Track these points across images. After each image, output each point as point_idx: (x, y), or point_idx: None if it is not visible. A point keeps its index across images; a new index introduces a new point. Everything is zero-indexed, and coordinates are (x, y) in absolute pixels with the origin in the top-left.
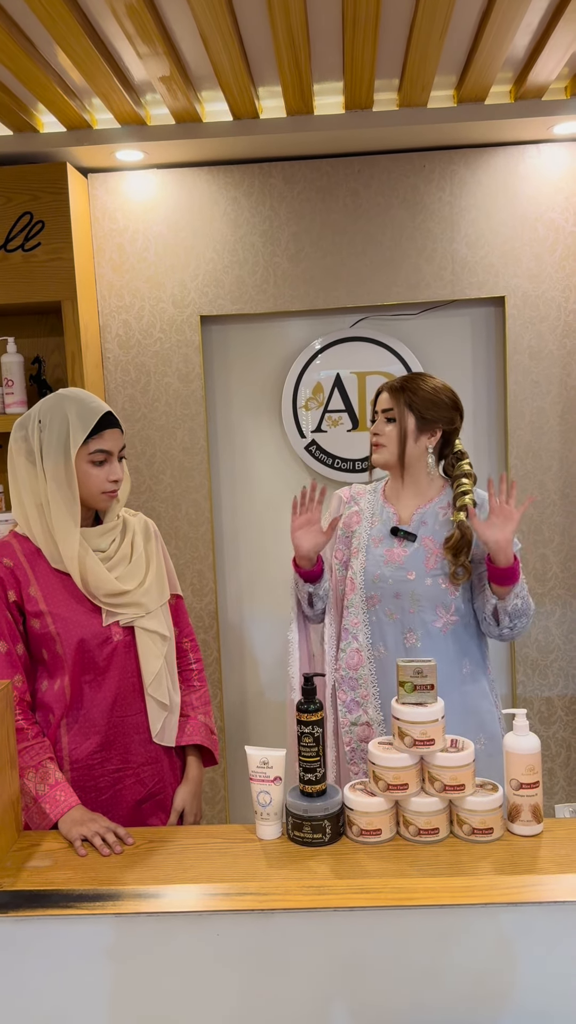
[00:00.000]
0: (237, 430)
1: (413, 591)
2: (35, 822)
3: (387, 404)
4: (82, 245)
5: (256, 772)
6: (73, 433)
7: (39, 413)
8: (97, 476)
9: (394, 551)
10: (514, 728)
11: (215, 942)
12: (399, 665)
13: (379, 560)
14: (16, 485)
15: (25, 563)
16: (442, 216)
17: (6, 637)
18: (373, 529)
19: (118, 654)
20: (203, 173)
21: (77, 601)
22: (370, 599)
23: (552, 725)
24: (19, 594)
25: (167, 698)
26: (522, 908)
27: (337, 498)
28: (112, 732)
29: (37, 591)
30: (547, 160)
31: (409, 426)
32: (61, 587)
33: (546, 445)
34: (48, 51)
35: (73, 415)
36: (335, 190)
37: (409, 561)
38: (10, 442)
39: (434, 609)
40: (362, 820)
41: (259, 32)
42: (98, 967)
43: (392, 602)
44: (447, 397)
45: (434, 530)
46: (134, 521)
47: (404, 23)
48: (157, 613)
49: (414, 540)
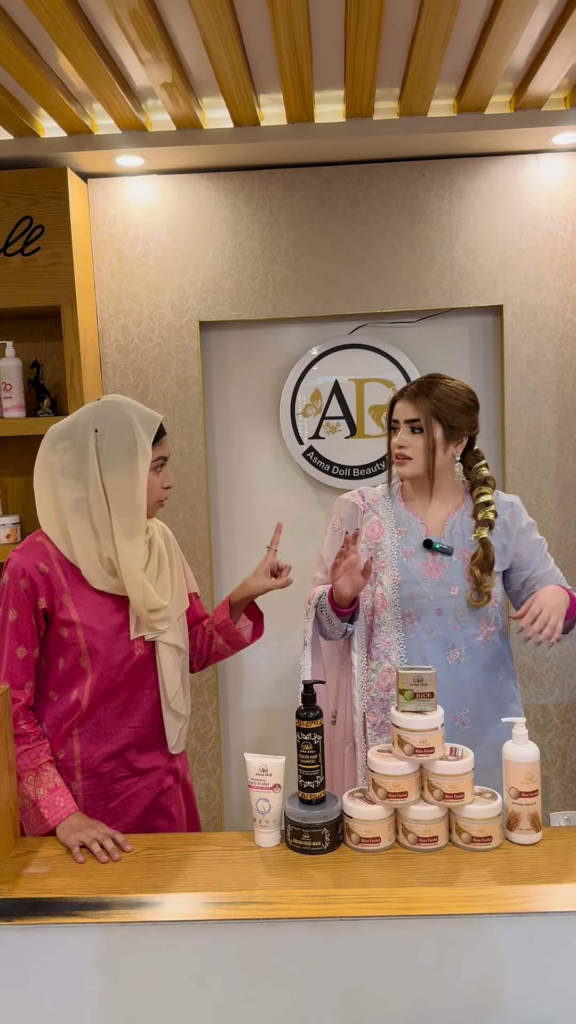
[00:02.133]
0: (235, 436)
1: (457, 607)
2: (32, 826)
3: (412, 414)
4: (81, 250)
5: (255, 779)
6: (140, 441)
7: (94, 422)
8: (156, 484)
9: (431, 565)
10: (513, 737)
11: (220, 951)
12: (399, 673)
13: (416, 575)
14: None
15: (59, 571)
16: (441, 224)
17: (28, 643)
18: (402, 541)
19: (138, 668)
20: (203, 179)
21: (107, 614)
22: (407, 616)
23: (548, 733)
24: (50, 601)
25: (184, 709)
26: (526, 918)
27: (351, 505)
28: (124, 741)
29: (70, 600)
30: (546, 170)
31: (437, 436)
32: (92, 598)
33: (543, 454)
34: (50, 56)
35: (137, 423)
36: (335, 198)
37: (450, 576)
38: (44, 454)
39: (477, 623)
40: (361, 828)
41: (261, 39)
42: (101, 976)
43: (433, 619)
44: (469, 399)
45: (469, 541)
46: (154, 528)
47: (406, 32)
48: (175, 625)
49: (451, 554)
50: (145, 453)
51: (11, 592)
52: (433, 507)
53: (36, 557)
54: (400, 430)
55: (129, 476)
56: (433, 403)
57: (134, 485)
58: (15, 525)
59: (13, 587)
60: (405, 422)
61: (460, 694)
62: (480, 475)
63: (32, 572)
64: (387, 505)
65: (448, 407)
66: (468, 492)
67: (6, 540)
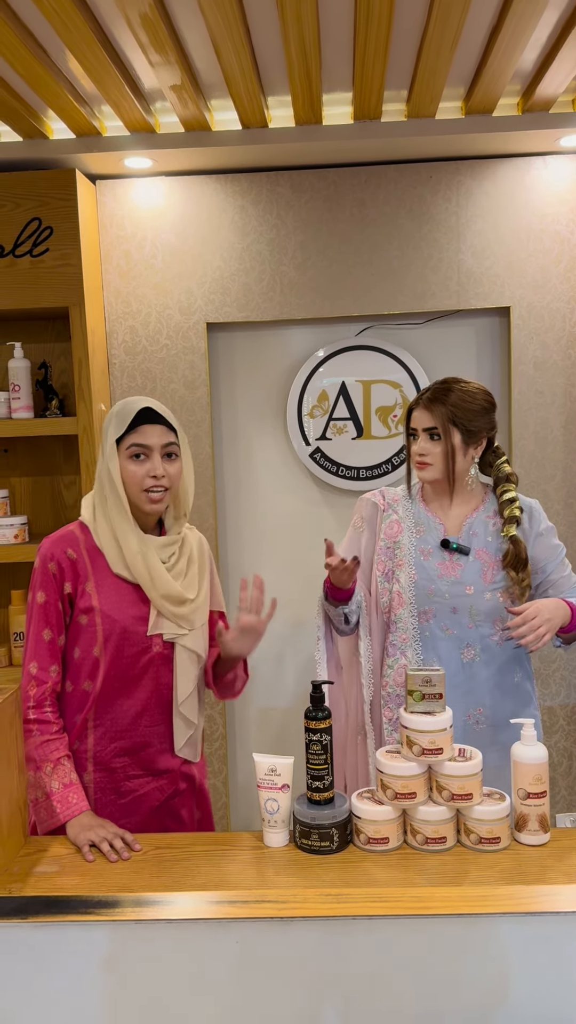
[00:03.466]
0: (242, 437)
1: (472, 606)
2: (42, 817)
3: (429, 422)
4: (90, 251)
5: (264, 779)
6: (110, 430)
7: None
8: (136, 472)
9: (448, 564)
10: (522, 738)
11: (233, 949)
12: (408, 674)
13: (432, 574)
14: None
15: (87, 558)
16: (448, 227)
17: (53, 626)
18: (420, 540)
19: (153, 665)
20: (211, 181)
21: (128, 604)
22: (423, 614)
23: (554, 735)
24: (75, 588)
25: (195, 717)
26: (537, 918)
27: (371, 505)
28: (137, 740)
29: (93, 587)
30: (553, 172)
31: (456, 442)
32: (115, 589)
33: (550, 455)
34: (60, 58)
35: (116, 414)
36: (342, 199)
37: (466, 575)
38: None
39: (492, 623)
40: (370, 828)
41: (271, 42)
42: (113, 973)
43: (448, 617)
44: (486, 401)
45: (486, 542)
46: (191, 537)
47: (415, 35)
48: (197, 633)
49: (468, 554)
50: (110, 441)
51: (41, 575)
52: (453, 507)
53: (66, 543)
54: (419, 437)
55: (107, 465)
56: (450, 410)
57: (110, 474)
58: (23, 525)
59: (43, 570)
60: (423, 430)
61: (474, 693)
62: (502, 472)
63: (60, 557)
64: (407, 505)
65: (465, 412)
66: (489, 491)
67: (14, 540)
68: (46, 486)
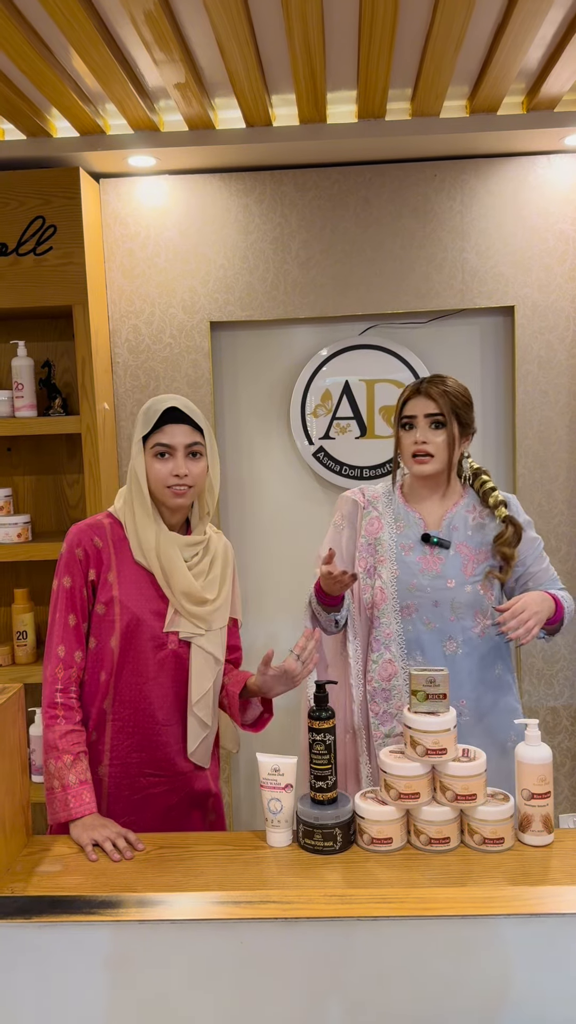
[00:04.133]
0: (245, 436)
1: (453, 599)
2: (54, 808)
3: (433, 408)
4: (93, 250)
5: (267, 779)
6: (137, 429)
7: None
8: (160, 470)
9: (429, 559)
10: (526, 739)
11: (237, 950)
12: (412, 674)
13: (414, 569)
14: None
15: (112, 547)
16: (452, 225)
17: (78, 612)
18: (401, 535)
19: (168, 663)
20: (215, 180)
21: (147, 599)
22: (405, 608)
23: (557, 735)
24: (98, 575)
25: (210, 719)
26: (541, 919)
27: (351, 502)
28: (153, 739)
29: (115, 577)
30: (558, 171)
31: (455, 432)
32: (136, 581)
33: (554, 455)
34: (64, 56)
35: (142, 411)
36: (346, 198)
37: (447, 569)
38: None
39: (473, 615)
40: (373, 828)
41: (275, 40)
42: (117, 973)
43: (431, 611)
44: (470, 398)
45: (466, 535)
46: (217, 540)
47: (420, 33)
48: (215, 635)
49: (448, 547)
50: (136, 440)
51: (68, 560)
52: (433, 503)
53: (93, 532)
54: (418, 427)
55: (134, 462)
56: (452, 399)
57: (136, 471)
58: (26, 524)
59: (70, 555)
60: (425, 416)
61: (457, 685)
62: (472, 467)
63: (87, 544)
64: (386, 502)
65: (462, 403)
66: (467, 486)
67: (16, 539)
68: (49, 485)
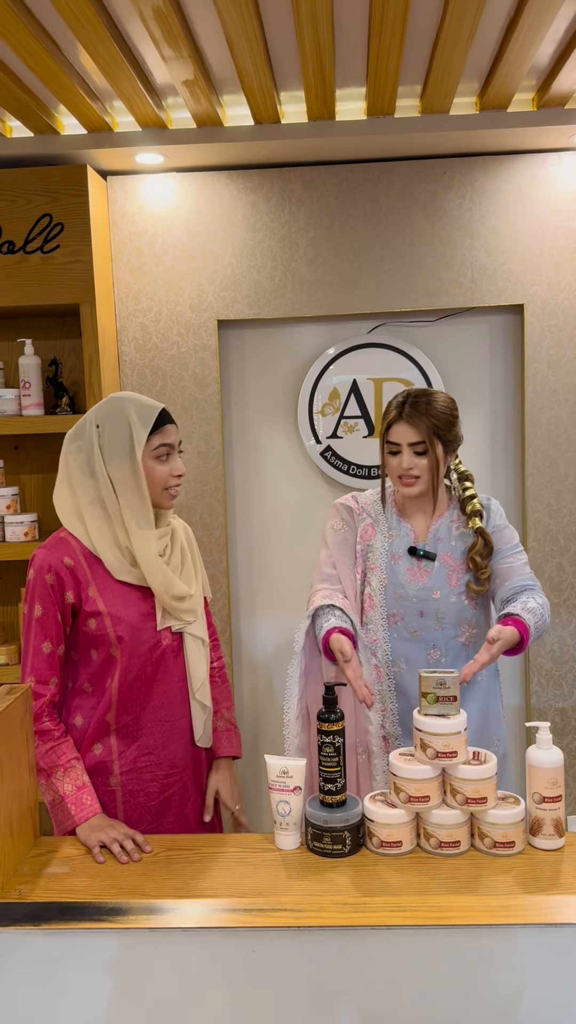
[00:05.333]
0: (252, 435)
1: (438, 609)
2: (60, 821)
3: (414, 436)
4: (101, 248)
5: (275, 781)
6: (135, 431)
7: (95, 418)
8: (162, 472)
9: (416, 570)
10: (537, 742)
11: (249, 959)
12: (422, 676)
13: (402, 579)
14: (70, 498)
15: (84, 563)
16: (461, 223)
17: (53, 638)
18: (392, 544)
19: (166, 658)
20: (223, 177)
21: (132, 604)
22: (391, 617)
23: (566, 736)
24: (77, 595)
25: (209, 700)
26: (559, 929)
27: (346, 509)
28: (159, 736)
29: (95, 591)
30: (568, 169)
31: (440, 454)
32: (117, 588)
33: (563, 454)
34: (71, 53)
35: (133, 414)
36: (354, 196)
37: (433, 580)
38: (63, 455)
39: (458, 625)
40: (382, 832)
41: (284, 37)
42: (126, 981)
43: (416, 620)
44: (454, 412)
45: (451, 546)
46: (176, 525)
47: (430, 30)
48: (200, 619)
49: (434, 559)
50: (140, 442)
51: (37, 587)
52: (422, 515)
53: (61, 552)
54: (403, 453)
55: (130, 467)
56: (432, 423)
57: (136, 475)
58: (33, 523)
59: (39, 582)
60: (408, 445)
61: None
62: (460, 471)
63: (58, 566)
64: (379, 509)
65: (444, 424)
66: (453, 496)
67: (24, 538)
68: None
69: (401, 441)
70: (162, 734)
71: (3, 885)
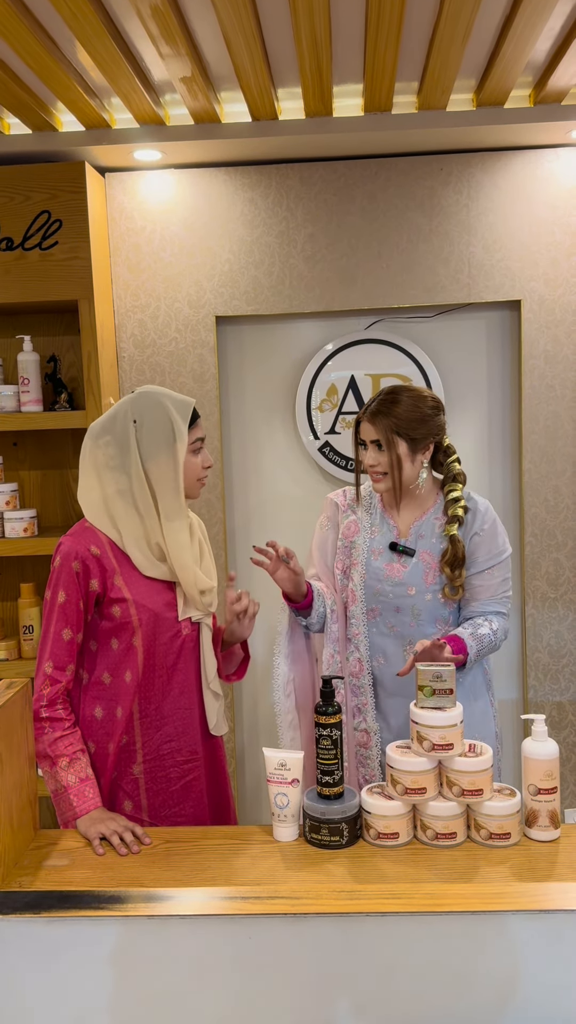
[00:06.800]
0: (251, 431)
1: (414, 606)
2: (62, 809)
3: (373, 434)
4: (99, 244)
5: (274, 774)
6: (177, 426)
7: (132, 413)
8: (195, 464)
9: (393, 566)
10: (533, 734)
11: (247, 945)
12: (418, 669)
13: (379, 574)
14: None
15: (110, 552)
16: (459, 219)
17: (73, 626)
18: (373, 540)
19: (185, 649)
20: (220, 174)
21: (156, 593)
22: (370, 611)
23: (563, 730)
24: (103, 583)
25: (221, 689)
26: (550, 915)
27: (332, 505)
28: (179, 724)
29: (121, 580)
30: (565, 165)
31: (402, 452)
32: (142, 579)
33: (560, 449)
34: (70, 50)
35: (172, 409)
36: (352, 192)
37: (409, 576)
38: (88, 451)
39: (434, 622)
40: (380, 823)
41: (281, 33)
42: (125, 969)
43: (392, 616)
44: (430, 407)
45: (431, 543)
46: (193, 518)
47: (426, 26)
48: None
49: (413, 555)
50: (182, 438)
51: (62, 574)
52: (407, 510)
53: (88, 540)
54: (369, 449)
55: (169, 461)
56: (393, 421)
57: (175, 469)
58: (32, 519)
59: (65, 569)
60: (371, 442)
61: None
62: (451, 471)
63: (84, 555)
64: (366, 506)
65: (407, 422)
66: (440, 491)
67: (23, 534)
68: (55, 480)
69: (365, 438)
70: (182, 721)
71: (3, 877)
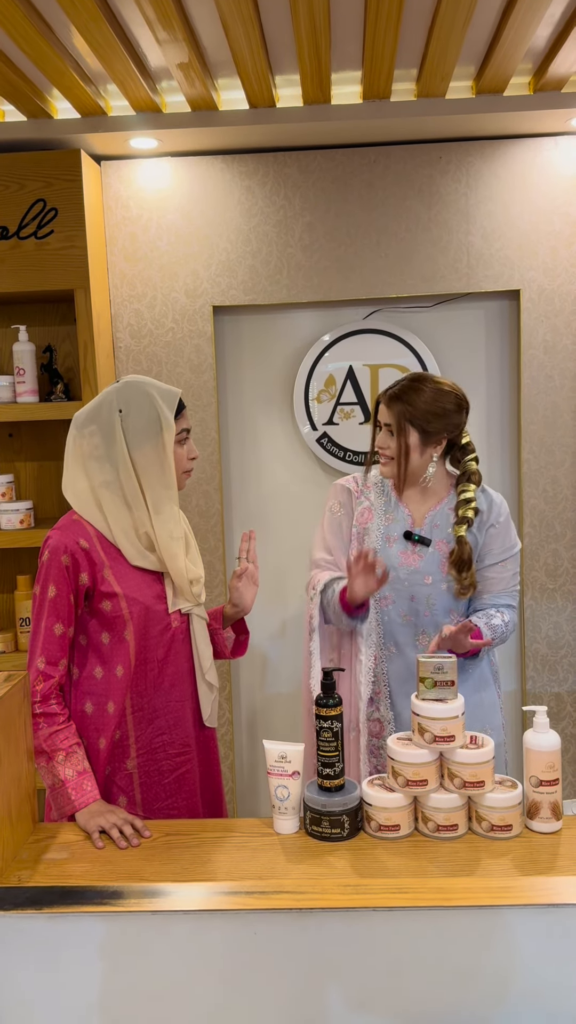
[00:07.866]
0: (248, 422)
1: (429, 595)
2: (59, 804)
3: (387, 418)
4: (95, 233)
5: (274, 766)
6: (163, 415)
7: (117, 402)
8: (181, 456)
9: (409, 554)
10: (534, 725)
11: (251, 940)
12: (420, 661)
13: (394, 562)
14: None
15: (99, 546)
16: (458, 208)
17: (64, 620)
18: (387, 528)
19: (176, 641)
20: (217, 162)
21: (145, 586)
22: (382, 599)
23: (561, 721)
24: (92, 577)
25: (216, 680)
26: (558, 909)
27: (345, 491)
28: (171, 717)
29: (110, 573)
30: (564, 153)
31: (412, 441)
32: (131, 572)
33: (559, 440)
34: (65, 35)
35: (158, 398)
36: (350, 180)
37: (425, 565)
38: (73, 441)
39: (447, 612)
40: (381, 815)
41: (280, 19)
42: (127, 964)
43: (406, 604)
44: (451, 403)
45: (447, 534)
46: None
47: (426, 13)
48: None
49: (428, 545)
50: (169, 427)
51: (52, 568)
52: (419, 499)
53: (76, 534)
54: (382, 431)
55: (156, 451)
56: (408, 409)
57: (162, 459)
58: (28, 510)
59: (54, 564)
60: (385, 425)
61: None
62: (467, 470)
63: (73, 548)
64: (378, 492)
65: (423, 413)
66: (454, 486)
67: (19, 525)
68: (51, 471)
69: (380, 420)
70: (174, 714)
71: (2, 870)
